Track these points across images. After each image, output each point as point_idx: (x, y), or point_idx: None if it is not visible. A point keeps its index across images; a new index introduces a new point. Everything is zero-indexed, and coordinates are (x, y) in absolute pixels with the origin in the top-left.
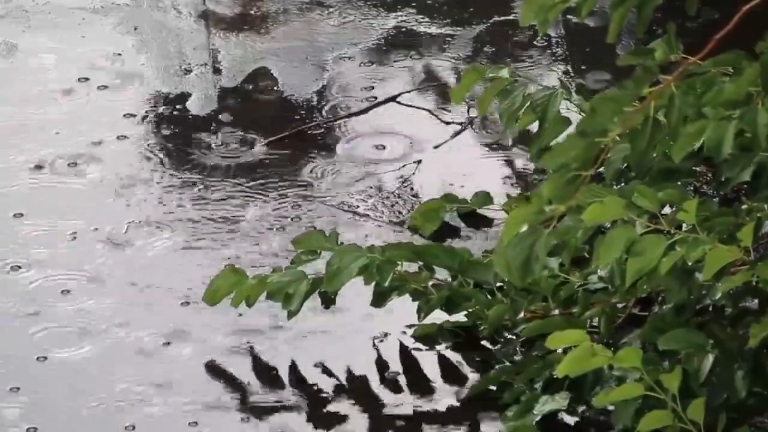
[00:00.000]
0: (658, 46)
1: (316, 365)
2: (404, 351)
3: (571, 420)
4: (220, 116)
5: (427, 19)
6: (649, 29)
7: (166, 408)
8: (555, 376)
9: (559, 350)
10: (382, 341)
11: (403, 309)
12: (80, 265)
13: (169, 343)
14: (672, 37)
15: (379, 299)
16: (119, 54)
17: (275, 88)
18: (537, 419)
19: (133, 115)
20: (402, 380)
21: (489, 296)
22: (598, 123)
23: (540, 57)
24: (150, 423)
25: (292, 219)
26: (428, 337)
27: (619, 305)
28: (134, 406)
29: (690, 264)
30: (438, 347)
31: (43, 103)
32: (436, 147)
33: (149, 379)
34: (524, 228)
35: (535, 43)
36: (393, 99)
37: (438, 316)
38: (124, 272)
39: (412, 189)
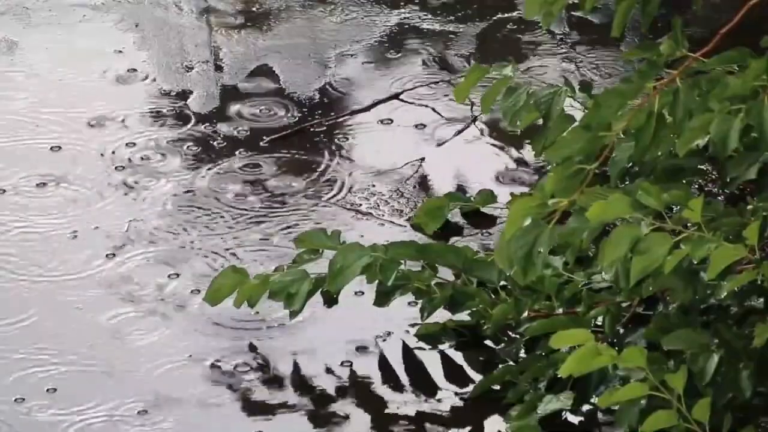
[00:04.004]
0: (664, 41)
1: (318, 365)
2: (407, 350)
3: (575, 419)
4: (221, 114)
5: (430, 16)
6: (652, 24)
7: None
8: (559, 376)
9: (563, 349)
10: (385, 340)
11: (406, 308)
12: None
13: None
14: (678, 32)
15: (383, 298)
16: (120, 51)
17: (277, 85)
18: (541, 419)
19: (135, 113)
20: (405, 379)
21: (492, 295)
22: (603, 116)
23: (544, 54)
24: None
25: (294, 218)
26: (431, 336)
27: (624, 304)
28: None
29: (695, 263)
30: (441, 346)
31: (43, 101)
32: (439, 145)
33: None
34: (527, 222)
35: (538, 40)
36: (396, 96)
37: (441, 315)
38: (127, 274)
39: (414, 187)
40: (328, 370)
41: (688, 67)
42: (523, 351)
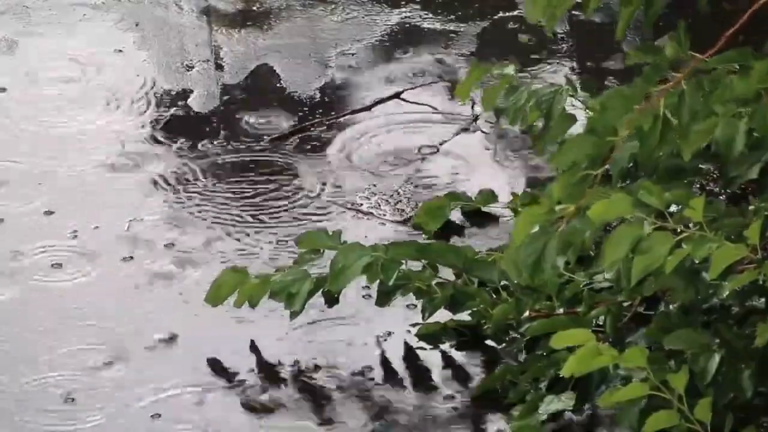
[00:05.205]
0: (667, 43)
1: (318, 364)
2: (408, 350)
3: (576, 419)
4: (222, 113)
5: (431, 15)
6: (654, 25)
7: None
8: (560, 376)
9: (564, 349)
10: (385, 340)
11: (407, 308)
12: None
13: (171, 339)
14: (682, 34)
15: (384, 298)
16: (121, 50)
17: (278, 85)
18: (542, 419)
19: (135, 113)
20: (406, 379)
21: (493, 295)
22: (608, 121)
23: (545, 53)
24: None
25: (295, 217)
26: (432, 336)
27: (625, 304)
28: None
29: (697, 263)
30: (442, 346)
31: (44, 100)
32: (440, 144)
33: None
34: (535, 229)
35: (539, 39)
36: (397, 96)
37: (442, 315)
38: (126, 272)
39: (415, 186)
40: (329, 369)
41: (693, 69)
42: (523, 351)
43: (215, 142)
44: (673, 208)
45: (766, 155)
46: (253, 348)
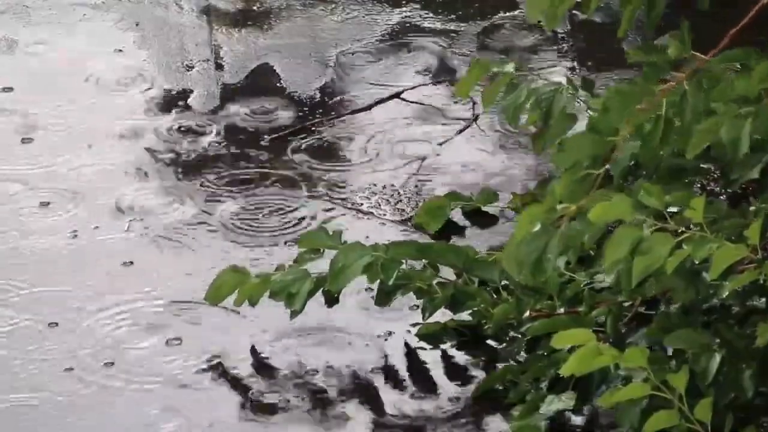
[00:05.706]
0: (670, 42)
1: (319, 364)
2: (408, 350)
3: (577, 419)
4: (222, 113)
5: (431, 15)
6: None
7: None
8: (560, 375)
9: (565, 349)
10: (386, 340)
11: (407, 308)
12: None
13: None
14: (685, 33)
15: (384, 298)
16: (121, 50)
17: (278, 84)
18: (543, 419)
19: (135, 112)
20: (406, 379)
21: (494, 295)
22: (610, 120)
23: (546, 53)
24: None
25: (295, 217)
26: (433, 335)
27: (626, 304)
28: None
29: (697, 263)
30: (442, 346)
31: (44, 100)
32: (440, 144)
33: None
34: (537, 227)
35: (540, 38)
36: (397, 95)
37: (443, 315)
38: (124, 273)
39: (416, 186)
40: (329, 369)
41: (695, 69)
42: (524, 351)
43: (214, 142)
44: (674, 208)
45: (767, 156)
46: (253, 348)
